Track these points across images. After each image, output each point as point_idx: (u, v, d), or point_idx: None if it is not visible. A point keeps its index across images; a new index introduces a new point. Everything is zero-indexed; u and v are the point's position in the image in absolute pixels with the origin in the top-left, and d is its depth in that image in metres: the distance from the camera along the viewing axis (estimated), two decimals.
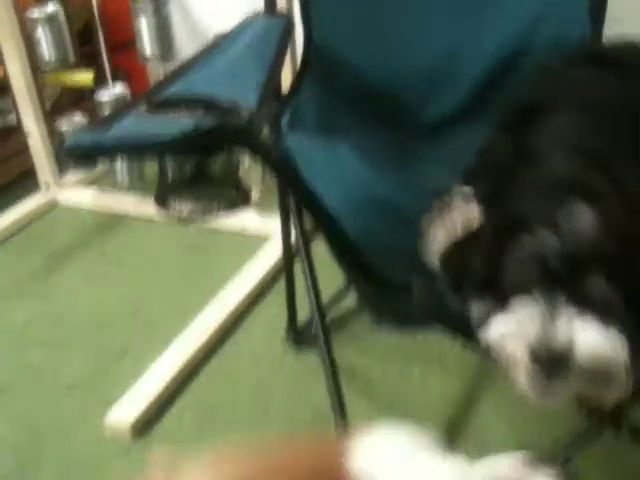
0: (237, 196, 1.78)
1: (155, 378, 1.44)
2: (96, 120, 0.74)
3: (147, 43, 2.08)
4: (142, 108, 0.73)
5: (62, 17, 2.11)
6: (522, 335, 0.65)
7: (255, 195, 2.14)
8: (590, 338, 0.65)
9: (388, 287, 0.75)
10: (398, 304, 0.73)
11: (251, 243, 1.91)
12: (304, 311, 1.52)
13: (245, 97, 0.77)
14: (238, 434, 1.33)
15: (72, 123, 2.19)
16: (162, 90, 0.83)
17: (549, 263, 0.67)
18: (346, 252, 0.75)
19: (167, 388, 1.42)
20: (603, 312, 0.65)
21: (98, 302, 1.72)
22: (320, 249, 1.16)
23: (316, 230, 1.54)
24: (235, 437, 1.32)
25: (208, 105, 0.73)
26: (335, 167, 0.99)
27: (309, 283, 1.21)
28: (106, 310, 1.68)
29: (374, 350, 1.51)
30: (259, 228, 1.96)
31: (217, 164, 1.76)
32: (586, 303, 0.65)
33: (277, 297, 1.69)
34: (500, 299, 0.68)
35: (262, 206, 2.05)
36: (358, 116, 1.19)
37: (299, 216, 1.21)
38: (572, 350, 0.64)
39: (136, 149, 0.62)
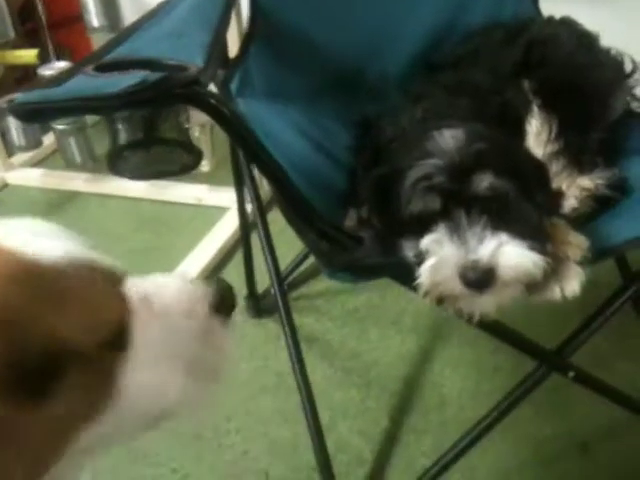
0: (188, 158, 1.78)
1: None
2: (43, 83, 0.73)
3: (94, 15, 2.04)
4: (89, 69, 0.73)
5: None
6: (447, 263, 0.69)
7: (206, 167, 2.14)
8: (507, 247, 0.72)
9: (339, 241, 0.77)
10: (349, 256, 0.75)
11: (207, 215, 1.91)
12: (262, 281, 1.53)
13: (191, 57, 0.76)
14: None
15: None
16: (106, 53, 0.83)
17: (437, 181, 0.74)
18: (299, 207, 0.76)
19: None
20: (504, 212, 0.73)
21: None
22: (274, 219, 1.18)
23: (271, 201, 1.56)
24: None
25: (154, 65, 0.73)
26: (281, 128, 1.00)
27: (266, 250, 1.22)
28: None
29: (332, 315, 1.54)
30: (214, 200, 1.96)
31: (167, 127, 1.75)
32: (486, 211, 0.73)
33: (235, 268, 1.69)
34: (414, 235, 0.73)
35: (215, 178, 2.06)
36: (305, 81, 1.20)
37: (253, 184, 1.22)
38: (495, 263, 0.70)
39: (85, 103, 0.62)
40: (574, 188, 0.97)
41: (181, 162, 1.82)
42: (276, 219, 1.16)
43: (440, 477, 1.08)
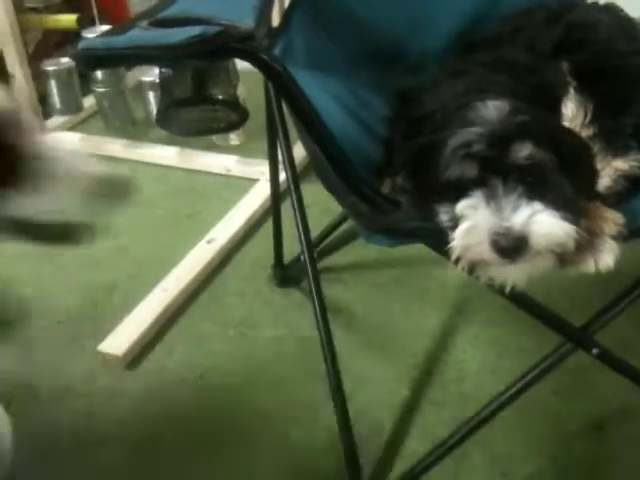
0: (235, 116, 1.82)
1: (145, 313, 1.47)
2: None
3: None
4: (143, 24, 0.75)
5: None
6: (480, 228, 0.71)
7: (235, 140, 2.17)
8: (540, 216, 0.73)
9: (378, 204, 0.79)
10: (387, 219, 0.77)
11: (235, 186, 1.95)
12: (289, 252, 1.56)
13: (242, 18, 0.79)
14: (227, 365, 1.38)
15: (58, 64, 2.17)
16: (158, 12, 0.85)
17: (476, 149, 0.75)
18: (342, 169, 0.79)
19: (157, 322, 1.46)
20: (540, 183, 0.73)
21: None
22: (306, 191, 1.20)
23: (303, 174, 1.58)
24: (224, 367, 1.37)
25: (207, 23, 0.75)
26: (320, 96, 1.01)
27: (298, 217, 1.24)
28: (94, 249, 1.70)
29: (357, 288, 1.56)
30: (242, 171, 1.99)
31: (215, 87, 1.79)
32: (523, 181, 0.73)
33: (262, 239, 1.73)
34: (449, 201, 0.75)
35: (244, 150, 2.09)
36: (345, 52, 1.21)
37: (288, 151, 1.24)
38: (527, 231, 0.71)
39: (146, 52, 0.65)
40: (608, 169, 0.98)
41: (227, 120, 1.87)
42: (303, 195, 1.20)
43: (457, 447, 1.10)
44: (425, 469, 1.11)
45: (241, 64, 1.19)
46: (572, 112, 1.02)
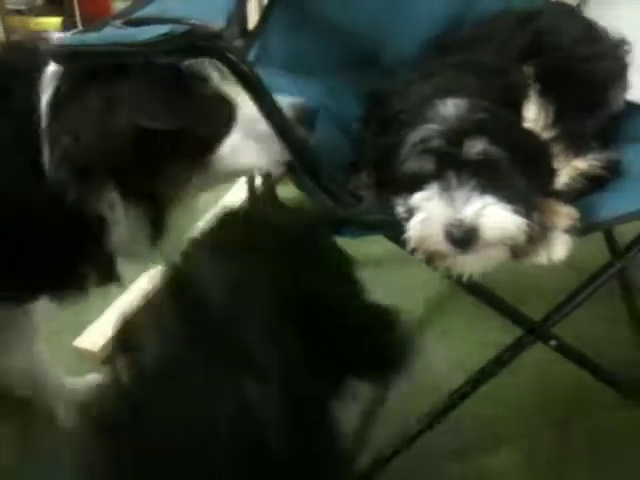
0: None
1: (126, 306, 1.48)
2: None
3: None
4: (117, 23, 0.79)
5: None
6: (434, 219, 0.75)
7: None
8: (491, 209, 0.77)
9: (342, 199, 0.83)
10: (349, 212, 0.80)
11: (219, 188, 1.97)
12: None
13: (214, 18, 0.82)
14: None
15: None
16: (135, 11, 0.88)
17: (434, 144, 0.79)
18: (310, 167, 0.82)
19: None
20: (493, 178, 0.77)
21: None
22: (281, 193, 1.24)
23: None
24: None
25: (180, 23, 0.78)
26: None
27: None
28: None
29: None
30: None
31: None
32: (477, 175, 0.77)
33: None
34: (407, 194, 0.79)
35: None
36: (320, 55, 1.24)
37: None
38: (479, 223, 0.75)
39: (118, 48, 0.68)
40: (568, 168, 1.02)
41: None
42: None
43: (424, 435, 1.13)
44: (387, 460, 1.14)
45: None
46: (534, 114, 1.07)
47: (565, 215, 0.84)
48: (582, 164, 1.04)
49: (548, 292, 1.36)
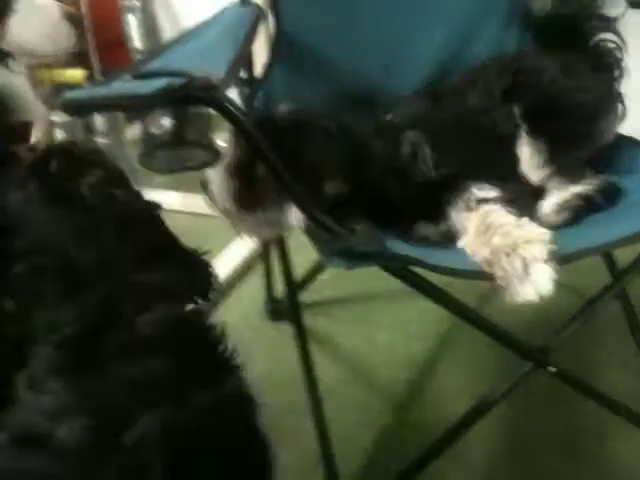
0: (208, 156, 1.95)
1: None
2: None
3: (137, 38, 2.22)
4: (127, 77, 0.86)
5: None
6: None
7: None
8: None
9: (335, 231, 0.88)
10: (342, 244, 0.85)
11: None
12: (282, 287, 1.64)
13: (215, 69, 0.88)
14: None
15: (63, 116, 2.29)
16: (142, 65, 0.95)
17: None
18: (302, 203, 0.88)
19: None
20: None
21: None
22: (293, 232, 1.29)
23: None
24: None
25: (182, 75, 0.85)
26: None
27: (283, 264, 1.36)
28: None
29: (343, 320, 1.64)
30: None
31: (191, 132, 1.92)
32: None
33: (258, 276, 1.80)
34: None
35: None
36: (322, 100, 1.31)
37: None
38: None
39: (123, 101, 0.75)
40: (564, 192, 1.06)
41: (201, 160, 2.02)
42: (295, 232, 1.29)
43: (432, 463, 1.16)
44: None
45: None
46: (527, 155, 1.11)
47: (539, 242, 0.87)
48: (577, 188, 1.08)
49: (552, 317, 1.39)
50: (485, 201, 0.98)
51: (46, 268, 0.69)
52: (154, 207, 0.80)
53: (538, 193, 1.08)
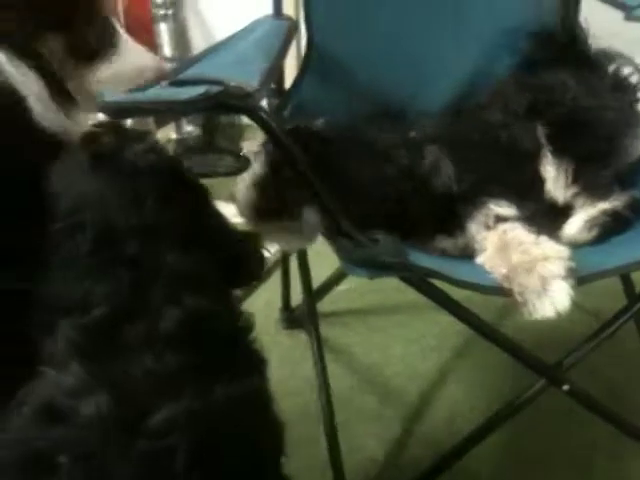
0: (236, 163, 1.99)
1: None
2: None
3: (167, 46, 2.28)
4: (164, 84, 0.89)
5: None
6: None
7: None
8: None
9: (358, 240, 0.90)
10: (366, 253, 0.87)
11: None
12: (298, 296, 1.66)
13: (249, 79, 0.91)
14: None
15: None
16: (179, 73, 0.98)
17: None
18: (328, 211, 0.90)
19: None
20: None
21: None
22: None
23: None
24: None
25: (218, 84, 0.88)
26: None
27: (302, 274, 1.40)
28: None
29: (359, 331, 1.66)
30: None
31: (222, 137, 1.96)
32: None
33: (274, 284, 1.83)
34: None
35: None
36: (353, 112, 1.33)
37: None
38: None
39: (162, 105, 0.78)
40: (591, 209, 1.08)
41: (228, 167, 2.07)
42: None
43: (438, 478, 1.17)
44: None
45: None
46: (553, 174, 1.13)
47: (557, 259, 0.89)
48: (604, 205, 1.09)
49: (568, 336, 1.40)
50: (504, 219, 1.00)
51: (84, 225, 0.70)
52: (202, 187, 0.83)
53: (563, 212, 1.09)
